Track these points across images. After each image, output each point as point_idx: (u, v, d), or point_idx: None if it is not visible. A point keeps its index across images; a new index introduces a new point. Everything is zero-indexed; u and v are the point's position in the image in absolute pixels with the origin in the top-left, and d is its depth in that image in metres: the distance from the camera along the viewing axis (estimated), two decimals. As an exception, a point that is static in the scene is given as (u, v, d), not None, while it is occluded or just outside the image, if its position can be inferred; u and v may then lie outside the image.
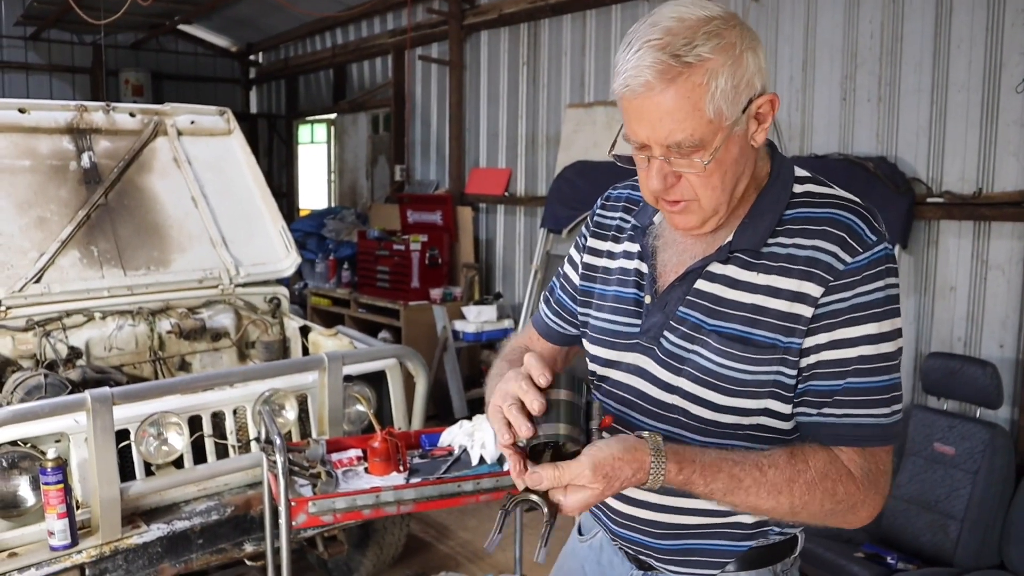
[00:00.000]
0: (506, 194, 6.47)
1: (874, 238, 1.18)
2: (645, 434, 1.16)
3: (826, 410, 1.19)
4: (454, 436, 2.64)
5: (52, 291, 3.45)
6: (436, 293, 6.13)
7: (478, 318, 5.82)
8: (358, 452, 2.59)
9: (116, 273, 3.64)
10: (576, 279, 1.48)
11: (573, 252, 1.51)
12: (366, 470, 2.51)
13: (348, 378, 3.05)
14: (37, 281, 3.44)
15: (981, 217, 3.81)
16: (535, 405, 1.12)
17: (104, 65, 9.37)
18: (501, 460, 2.50)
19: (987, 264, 3.84)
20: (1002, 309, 3.79)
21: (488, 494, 2.39)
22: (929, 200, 3.95)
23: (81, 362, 3.39)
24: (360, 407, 3.10)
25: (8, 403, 2.79)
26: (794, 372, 1.21)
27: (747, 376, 1.22)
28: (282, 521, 2.19)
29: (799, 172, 1.27)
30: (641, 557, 1.41)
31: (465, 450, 2.56)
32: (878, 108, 4.17)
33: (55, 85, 9.51)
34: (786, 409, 1.24)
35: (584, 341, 1.45)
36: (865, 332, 1.17)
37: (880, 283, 1.17)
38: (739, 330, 1.22)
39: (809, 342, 1.19)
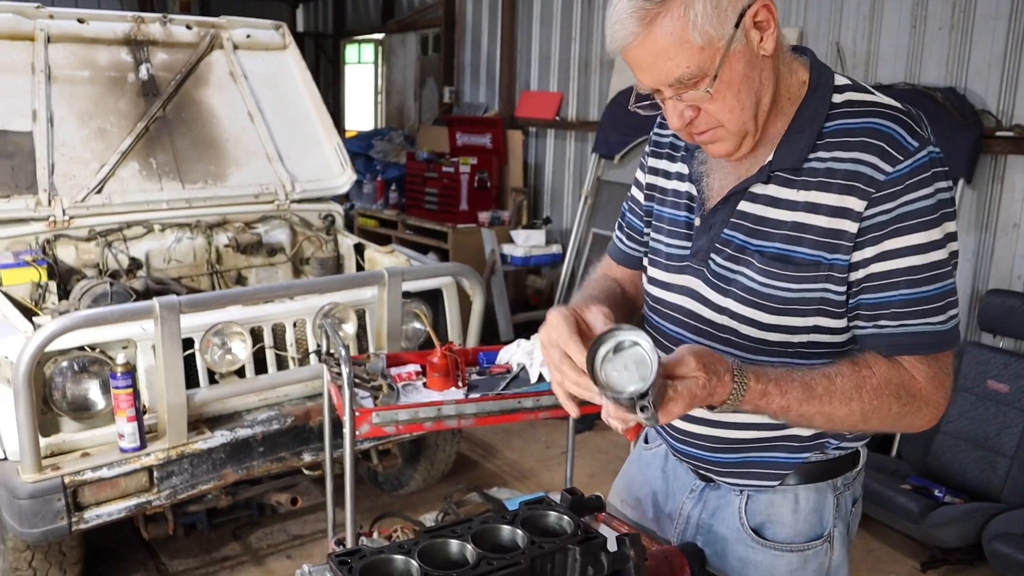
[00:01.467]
0: (557, 118, 6.38)
1: (916, 144, 1.15)
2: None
3: (882, 322, 1.19)
4: (512, 354, 2.65)
5: (113, 202, 3.50)
6: (484, 216, 6.11)
7: (526, 242, 5.82)
8: (417, 367, 2.62)
9: (175, 186, 3.68)
10: (642, 199, 1.48)
11: (638, 173, 1.51)
12: (425, 385, 2.54)
13: (406, 295, 3.07)
14: (99, 192, 3.49)
15: (1053, 153, 3.69)
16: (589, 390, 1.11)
17: (153, -21, 9.31)
18: (560, 379, 2.52)
19: (1054, 202, 3.73)
20: (1066, 248, 3.70)
21: (547, 411, 2.41)
22: (998, 134, 3.82)
23: (142, 273, 3.46)
24: (418, 324, 3.14)
25: (76, 310, 2.86)
26: (843, 288, 1.21)
27: (792, 294, 1.22)
28: (346, 430, 2.23)
29: (839, 80, 1.24)
30: (701, 471, 1.44)
31: (523, 368, 2.58)
32: (950, 36, 4.01)
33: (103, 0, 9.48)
34: (838, 324, 1.24)
35: (644, 263, 1.47)
36: (913, 242, 1.15)
37: (927, 190, 1.15)
38: (781, 248, 1.22)
39: (856, 256, 1.18)
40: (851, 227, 1.17)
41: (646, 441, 1.61)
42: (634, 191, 1.51)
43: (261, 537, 3.46)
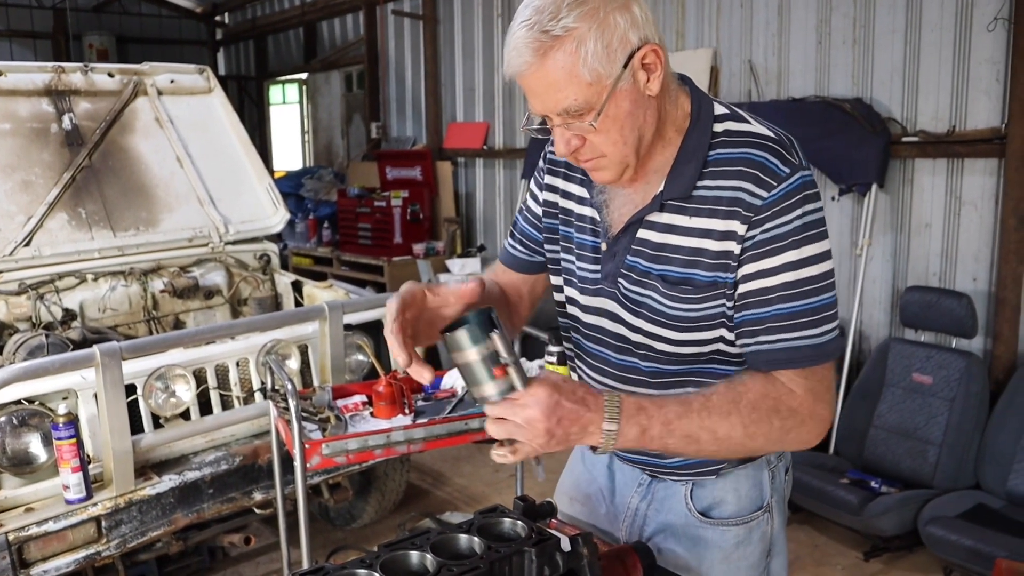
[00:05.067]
0: (485, 148, 6.49)
1: (787, 170, 1.23)
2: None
3: (761, 338, 1.26)
4: (456, 378, 2.70)
5: (43, 254, 3.46)
6: (419, 248, 6.17)
7: (462, 270, 5.88)
8: (363, 397, 2.64)
9: (105, 234, 3.65)
10: (539, 211, 1.54)
11: (533, 187, 1.57)
12: (372, 414, 2.57)
13: (347, 327, 3.10)
14: (27, 244, 3.44)
15: (954, 155, 3.91)
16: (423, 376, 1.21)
17: (67, 29, 9.17)
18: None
19: (960, 200, 3.95)
20: (975, 244, 3.91)
21: (495, 431, 2.46)
22: (904, 139, 4.05)
23: (76, 324, 3.41)
24: (361, 356, 3.16)
25: (11, 363, 2.81)
26: (732, 304, 1.28)
27: (696, 313, 1.30)
28: (297, 463, 2.25)
29: (718, 109, 1.31)
30: (648, 472, 1.53)
31: (468, 391, 2.63)
32: (853, 50, 4.24)
33: (16, 51, 9.31)
34: (733, 336, 1.32)
35: (559, 284, 1.53)
36: (785, 260, 1.23)
37: (797, 212, 1.23)
38: (682, 272, 1.30)
39: (739, 275, 1.26)
40: (735, 248, 1.25)
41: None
42: (529, 202, 1.57)
43: (214, 583, 3.43)
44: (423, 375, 1.22)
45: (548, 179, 1.51)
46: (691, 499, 1.48)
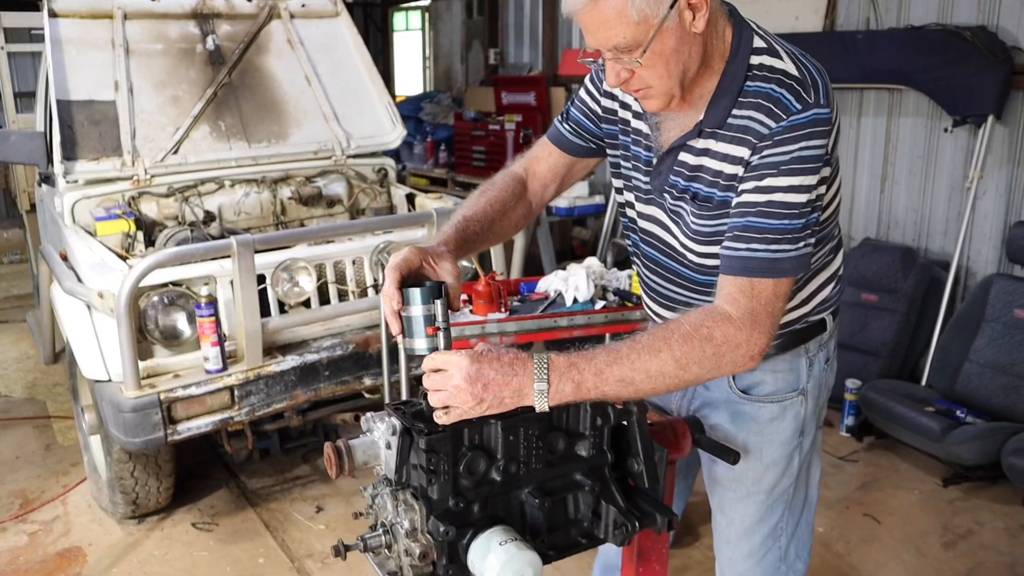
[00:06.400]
0: (598, 74, 6.55)
1: (798, 106, 1.34)
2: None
3: (728, 243, 1.39)
4: (550, 282, 2.92)
5: (188, 161, 3.85)
6: (530, 171, 6.34)
7: (570, 193, 6.04)
8: (464, 296, 2.90)
9: (241, 145, 4.01)
10: (598, 110, 1.66)
11: (589, 85, 1.68)
12: (471, 311, 2.83)
13: (454, 234, 3.35)
14: (175, 152, 3.84)
15: (1080, 86, 3.78)
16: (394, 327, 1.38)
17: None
18: (593, 300, 2.78)
19: (1084, 134, 3.83)
20: (1096, 180, 3.80)
21: (581, 329, 2.68)
22: (1029, 69, 3.92)
23: (215, 224, 3.81)
24: (465, 261, 3.41)
25: (162, 253, 3.20)
26: None
27: (711, 228, 1.46)
28: (403, 351, 2.53)
29: (757, 43, 1.42)
30: None
31: (560, 294, 2.85)
32: (982, -26, 4.10)
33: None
34: None
35: (619, 186, 1.68)
36: (773, 183, 1.35)
37: (797, 144, 1.34)
38: (706, 191, 1.45)
39: (737, 190, 1.40)
40: (741, 171, 1.40)
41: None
42: (585, 97, 1.67)
43: (329, 461, 3.82)
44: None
45: (607, 87, 1.62)
46: (734, 379, 1.66)
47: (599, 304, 2.79)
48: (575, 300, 2.77)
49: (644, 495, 1.47)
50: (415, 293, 1.36)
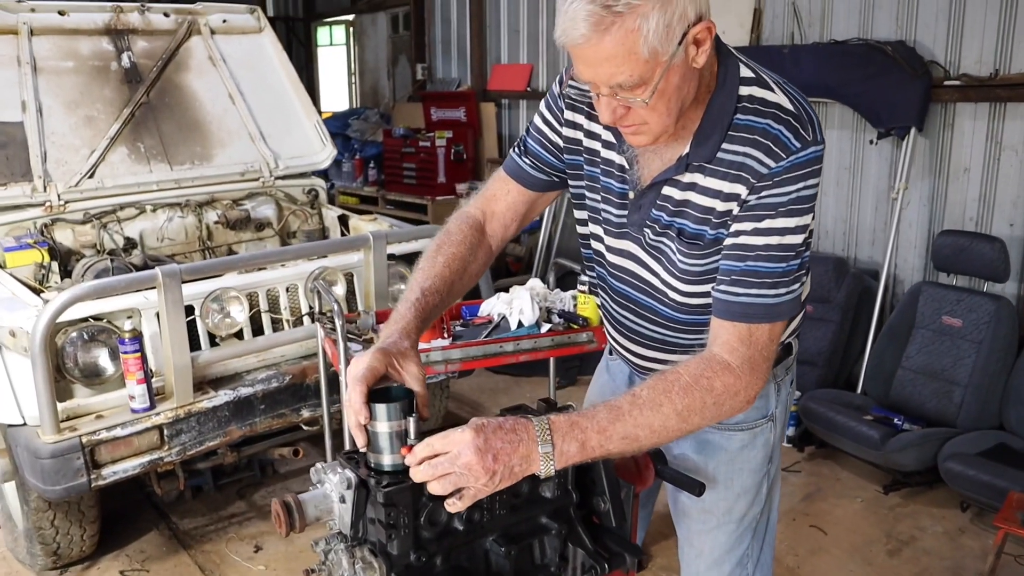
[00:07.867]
0: (528, 89, 6.55)
1: (798, 144, 1.28)
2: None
3: (724, 287, 1.34)
4: (493, 306, 2.85)
5: (105, 185, 3.66)
6: (462, 188, 6.29)
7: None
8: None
9: (163, 168, 3.83)
10: (559, 142, 1.56)
11: (546, 114, 1.57)
12: (412, 338, 2.73)
13: (390, 258, 3.26)
14: (91, 176, 3.64)
15: (997, 99, 3.90)
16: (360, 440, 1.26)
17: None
18: (538, 323, 2.72)
19: (1001, 145, 3.95)
20: (1014, 189, 3.92)
21: (527, 353, 2.61)
22: (946, 83, 4.03)
23: (137, 251, 3.63)
24: (403, 285, 3.32)
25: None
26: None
27: (701, 267, 1.40)
28: (343, 378, 2.42)
29: (744, 72, 1.34)
30: None
31: (504, 317, 2.78)
32: (898, -9, 4.21)
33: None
34: None
35: (583, 218, 1.60)
36: (773, 226, 1.30)
37: (797, 185, 1.30)
38: (694, 228, 1.38)
39: (730, 230, 1.34)
40: (736, 209, 1.34)
41: (610, 352, 1.82)
42: (542, 126, 1.56)
43: (264, 495, 3.66)
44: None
45: (569, 115, 1.52)
46: None
47: (544, 327, 2.73)
48: (520, 324, 2.71)
49: (611, 534, 1.41)
50: (383, 410, 1.25)
